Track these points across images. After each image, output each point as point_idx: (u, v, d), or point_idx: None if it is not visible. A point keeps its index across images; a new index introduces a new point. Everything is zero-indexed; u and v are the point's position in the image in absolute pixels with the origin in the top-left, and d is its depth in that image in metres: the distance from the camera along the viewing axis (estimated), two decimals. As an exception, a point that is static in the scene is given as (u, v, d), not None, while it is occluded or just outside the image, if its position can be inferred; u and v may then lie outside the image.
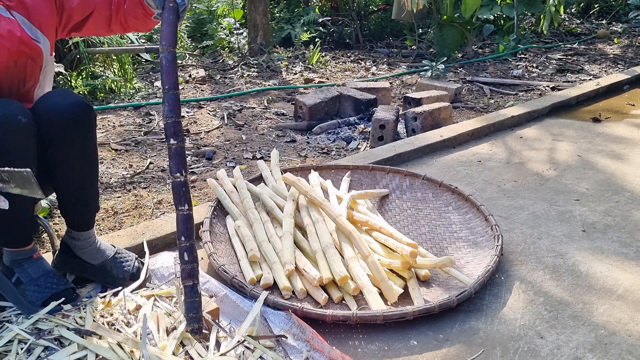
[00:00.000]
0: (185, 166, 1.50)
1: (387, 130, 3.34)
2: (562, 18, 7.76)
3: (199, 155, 3.19)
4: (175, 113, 1.46)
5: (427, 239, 2.25)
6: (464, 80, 5.04)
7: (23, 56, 1.56)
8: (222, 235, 2.17)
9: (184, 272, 1.51)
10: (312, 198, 2.15)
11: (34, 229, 1.74)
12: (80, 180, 1.72)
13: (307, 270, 1.88)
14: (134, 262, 1.87)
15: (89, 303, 1.67)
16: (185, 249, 1.50)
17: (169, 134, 1.47)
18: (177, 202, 1.49)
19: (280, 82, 4.88)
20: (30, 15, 1.59)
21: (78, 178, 1.71)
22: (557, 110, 4.04)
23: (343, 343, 1.67)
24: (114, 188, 2.71)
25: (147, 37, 5.48)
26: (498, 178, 2.87)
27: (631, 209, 2.52)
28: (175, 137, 1.47)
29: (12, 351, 1.48)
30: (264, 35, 5.73)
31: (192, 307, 1.52)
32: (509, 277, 2.00)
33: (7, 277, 1.71)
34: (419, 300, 1.82)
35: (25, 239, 1.70)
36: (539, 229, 2.34)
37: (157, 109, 3.98)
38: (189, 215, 1.50)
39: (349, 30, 6.69)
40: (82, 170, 1.70)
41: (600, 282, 1.98)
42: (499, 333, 1.72)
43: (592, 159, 3.14)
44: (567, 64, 5.63)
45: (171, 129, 1.47)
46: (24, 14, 1.58)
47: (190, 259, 1.50)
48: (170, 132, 1.47)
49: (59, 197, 1.76)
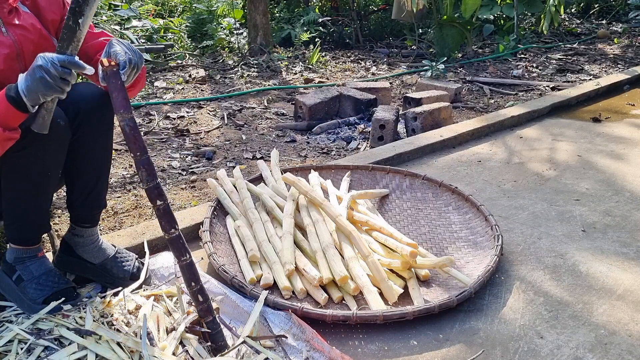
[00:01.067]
0: (175, 221, 1.52)
1: (387, 130, 3.34)
2: (562, 18, 7.76)
3: (199, 155, 3.19)
4: (154, 176, 1.48)
5: (427, 239, 2.25)
6: (464, 80, 5.04)
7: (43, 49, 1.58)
8: (222, 235, 2.17)
9: (201, 311, 1.55)
10: (312, 198, 2.15)
11: (47, 229, 1.76)
12: (98, 171, 1.77)
13: (307, 270, 1.88)
14: (134, 262, 1.87)
15: (89, 303, 1.67)
16: (198, 292, 1.54)
17: (154, 197, 1.48)
18: (178, 254, 1.52)
19: (280, 82, 4.89)
20: (41, 14, 1.65)
21: (96, 168, 1.76)
22: (557, 110, 4.04)
23: (343, 343, 1.67)
24: (114, 188, 2.71)
25: (147, 37, 5.48)
26: (498, 178, 2.87)
27: (631, 209, 2.52)
28: (160, 199, 1.49)
29: (12, 351, 1.48)
30: (264, 35, 5.73)
31: (218, 338, 1.56)
32: (509, 277, 2.00)
33: (8, 275, 1.71)
34: (419, 300, 1.82)
35: (36, 238, 1.72)
36: (539, 229, 2.34)
37: (157, 109, 3.98)
38: (191, 263, 1.53)
39: (349, 30, 6.69)
40: (101, 160, 1.76)
41: (600, 282, 1.98)
42: (499, 333, 1.72)
43: (592, 159, 3.14)
44: (567, 64, 5.63)
45: (154, 191, 1.48)
46: (35, 13, 1.64)
47: (204, 299, 1.55)
48: (155, 194, 1.48)
49: (72, 189, 1.78)
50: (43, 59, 1.35)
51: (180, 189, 2.74)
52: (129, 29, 5.41)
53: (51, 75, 1.34)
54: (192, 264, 1.54)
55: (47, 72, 1.34)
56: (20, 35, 1.56)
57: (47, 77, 1.34)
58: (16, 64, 1.55)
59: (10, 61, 1.53)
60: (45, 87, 1.35)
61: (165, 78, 4.82)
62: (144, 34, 5.50)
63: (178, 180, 2.85)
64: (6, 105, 1.37)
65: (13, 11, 1.56)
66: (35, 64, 1.36)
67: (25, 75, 1.38)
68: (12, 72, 1.50)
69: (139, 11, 5.88)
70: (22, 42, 1.56)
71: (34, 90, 1.35)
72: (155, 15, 6.43)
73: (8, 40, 1.53)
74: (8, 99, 1.37)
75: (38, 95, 1.36)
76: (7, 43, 1.53)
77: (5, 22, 1.53)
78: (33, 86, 1.35)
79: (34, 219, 1.68)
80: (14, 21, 1.55)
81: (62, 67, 1.36)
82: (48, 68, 1.34)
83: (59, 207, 2.44)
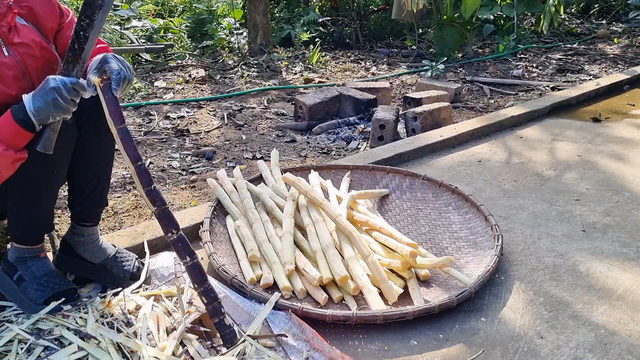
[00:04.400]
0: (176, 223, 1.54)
1: (387, 130, 3.34)
2: (562, 18, 7.76)
3: (199, 155, 3.19)
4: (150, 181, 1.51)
5: (427, 239, 2.25)
6: (464, 80, 5.04)
7: (45, 61, 1.62)
8: (222, 235, 2.17)
9: (209, 312, 1.55)
10: (312, 198, 2.15)
11: (50, 229, 1.77)
12: (100, 169, 1.78)
13: (307, 270, 1.88)
14: (134, 262, 1.87)
15: (89, 303, 1.67)
16: (203, 293, 1.54)
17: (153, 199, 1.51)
18: (181, 257, 1.53)
19: (280, 82, 4.88)
20: (39, 23, 1.64)
21: (99, 165, 1.77)
22: (557, 110, 4.04)
23: (343, 343, 1.67)
24: (114, 188, 2.71)
25: (147, 37, 5.48)
26: (498, 178, 2.87)
27: (631, 209, 2.52)
28: (160, 203, 1.52)
29: (12, 351, 1.48)
30: (264, 35, 5.73)
31: (229, 338, 1.55)
32: (509, 277, 2.00)
33: (8, 275, 1.71)
34: (419, 300, 1.82)
35: (39, 237, 1.73)
36: (539, 229, 2.34)
37: (157, 109, 3.98)
38: (194, 264, 1.53)
39: (349, 30, 6.69)
40: (103, 158, 1.77)
41: (600, 282, 1.98)
42: (499, 333, 1.72)
43: (592, 159, 3.14)
44: (567, 64, 5.63)
45: (154, 194, 1.51)
46: (33, 22, 1.63)
47: (211, 299, 1.54)
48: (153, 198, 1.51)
49: (74, 186, 1.79)
50: (54, 81, 1.41)
51: (180, 189, 2.74)
52: (129, 29, 5.41)
53: (63, 97, 1.41)
54: (196, 265, 1.53)
55: (59, 94, 1.40)
56: (23, 54, 1.55)
57: (60, 99, 1.40)
58: (23, 83, 1.56)
59: (18, 81, 1.54)
60: (56, 108, 1.41)
61: (165, 78, 4.82)
62: (144, 34, 5.50)
63: (178, 180, 2.85)
64: (16, 127, 1.41)
65: (12, 29, 1.54)
66: (47, 86, 1.41)
67: (33, 96, 1.42)
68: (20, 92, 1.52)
69: (139, 11, 5.88)
70: (26, 60, 1.55)
71: (45, 111, 1.41)
72: (155, 15, 6.43)
73: (12, 60, 1.52)
74: (17, 121, 1.41)
75: (49, 115, 1.42)
76: (11, 64, 1.52)
77: (6, 42, 1.52)
78: (44, 107, 1.41)
79: (38, 219, 1.68)
80: (14, 39, 1.54)
81: (73, 90, 1.43)
82: (61, 91, 1.40)
83: (59, 207, 2.44)
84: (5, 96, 1.50)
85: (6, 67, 1.50)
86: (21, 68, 1.54)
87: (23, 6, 1.60)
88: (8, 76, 1.51)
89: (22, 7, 1.60)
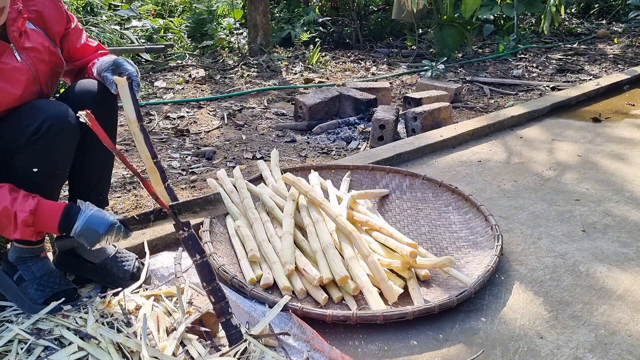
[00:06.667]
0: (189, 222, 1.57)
1: (387, 130, 3.34)
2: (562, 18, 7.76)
3: (199, 155, 3.19)
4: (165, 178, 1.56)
5: (427, 239, 2.25)
6: (464, 80, 5.04)
7: (52, 65, 1.65)
8: (222, 235, 2.17)
9: (216, 311, 1.56)
10: (312, 198, 2.15)
11: None
12: (101, 169, 1.80)
13: (307, 270, 1.88)
14: (134, 262, 1.87)
15: (89, 303, 1.68)
16: (211, 292, 1.54)
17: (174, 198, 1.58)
18: (191, 255, 1.55)
19: (280, 82, 4.88)
20: (47, 27, 1.67)
21: (100, 165, 1.79)
22: (557, 110, 4.04)
23: (343, 343, 1.67)
24: (114, 188, 2.71)
25: (147, 37, 5.48)
26: (498, 178, 2.87)
27: (631, 209, 2.52)
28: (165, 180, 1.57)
29: (12, 351, 1.48)
30: (264, 35, 5.73)
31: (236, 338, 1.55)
32: (509, 277, 2.00)
33: (8, 275, 1.71)
34: (419, 300, 1.82)
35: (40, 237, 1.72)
36: (539, 229, 2.34)
37: (157, 109, 3.98)
38: (204, 262, 1.54)
39: (349, 30, 6.69)
40: (104, 158, 1.79)
41: (600, 282, 1.98)
42: (499, 333, 1.72)
43: (592, 159, 3.14)
44: (567, 64, 5.63)
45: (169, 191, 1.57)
46: (41, 26, 1.66)
47: (219, 298, 1.54)
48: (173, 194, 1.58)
49: (75, 186, 1.80)
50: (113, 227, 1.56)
51: (180, 189, 2.74)
52: (129, 29, 5.41)
53: (105, 240, 1.56)
54: (204, 264, 1.54)
55: (104, 239, 1.54)
56: (34, 58, 1.58)
57: (102, 241, 1.55)
58: (34, 87, 1.59)
59: (29, 86, 1.57)
60: (93, 241, 1.55)
61: (165, 78, 4.82)
62: (144, 34, 5.49)
63: (178, 180, 2.85)
64: (54, 228, 1.54)
65: (23, 34, 1.57)
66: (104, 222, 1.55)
67: (87, 222, 1.53)
68: (29, 95, 1.55)
69: (139, 11, 5.88)
70: (37, 64, 1.59)
71: (84, 239, 1.54)
72: (155, 15, 6.43)
73: (24, 65, 1.55)
74: (58, 226, 1.53)
75: (83, 240, 1.55)
76: (23, 69, 1.55)
77: (17, 47, 1.55)
78: (86, 240, 1.54)
79: None
80: (25, 44, 1.57)
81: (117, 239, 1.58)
82: (109, 237, 1.55)
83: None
84: (16, 99, 1.53)
85: (19, 72, 1.54)
86: (32, 73, 1.57)
87: (32, 10, 1.63)
88: (21, 81, 1.54)
89: (31, 11, 1.63)
